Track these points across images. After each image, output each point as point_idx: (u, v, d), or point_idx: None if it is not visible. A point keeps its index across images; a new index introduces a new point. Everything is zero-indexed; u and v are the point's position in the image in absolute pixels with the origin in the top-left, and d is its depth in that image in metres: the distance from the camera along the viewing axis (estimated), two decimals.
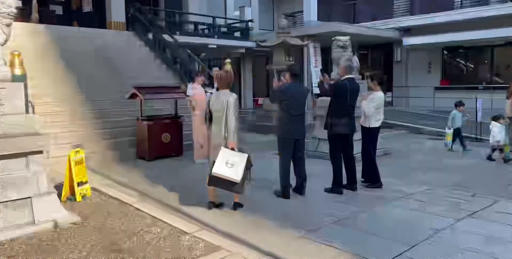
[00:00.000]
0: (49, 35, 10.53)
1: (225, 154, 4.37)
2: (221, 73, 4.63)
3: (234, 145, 4.48)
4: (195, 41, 14.09)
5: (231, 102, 4.48)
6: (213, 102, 4.62)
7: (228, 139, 4.49)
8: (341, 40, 8.05)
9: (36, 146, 4.16)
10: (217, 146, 4.57)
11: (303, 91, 5.21)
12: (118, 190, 5.61)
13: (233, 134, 4.47)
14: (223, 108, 4.50)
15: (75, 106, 8.43)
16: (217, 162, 4.34)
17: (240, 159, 4.42)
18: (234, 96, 4.54)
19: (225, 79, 4.59)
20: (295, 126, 5.12)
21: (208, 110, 4.68)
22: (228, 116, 4.47)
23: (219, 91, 4.69)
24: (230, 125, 4.46)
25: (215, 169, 4.32)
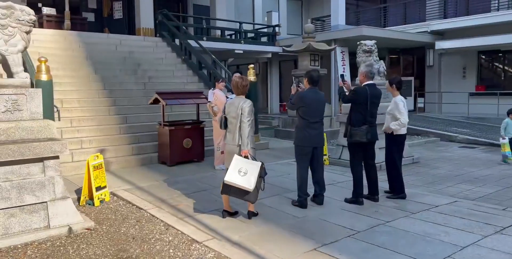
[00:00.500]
0: (79, 42, 10.81)
1: (238, 162, 4.28)
2: (236, 79, 4.55)
3: (247, 153, 4.38)
4: (221, 47, 14.15)
5: (245, 109, 4.39)
6: (228, 109, 4.55)
7: (242, 147, 4.39)
8: (366, 44, 7.84)
9: (52, 152, 4.21)
10: (230, 153, 4.49)
11: (321, 97, 5.05)
12: (136, 195, 5.62)
13: (246, 142, 4.37)
14: (237, 114, 4.42)
15: (101, 111, 8.58)
16: (230, 170, 4.25)
17: (253, 167, 4.31)
18: (248, 102, 4.45)
19: (240, 85, 4.51)
20: (313, 133, 4.96)
21: (224, 116, 4.61)
22: (242, 123, 4.39)
23: (234, 98, 4.62)
24: (244, 132, 4.37)
25: (227, 177, 4.24)
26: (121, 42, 11.64)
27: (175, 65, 11.58)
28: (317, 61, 11.40)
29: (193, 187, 6.03)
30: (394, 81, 5.43)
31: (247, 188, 4.22)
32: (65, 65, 9.64)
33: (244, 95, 4.57)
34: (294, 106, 5.07)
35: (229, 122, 4.55)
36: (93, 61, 10.13)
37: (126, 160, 7.54)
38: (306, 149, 4.97)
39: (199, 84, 11.01)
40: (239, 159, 4.31)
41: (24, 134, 4.17)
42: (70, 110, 8.24)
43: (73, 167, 6.93)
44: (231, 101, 4.60)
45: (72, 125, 7.95)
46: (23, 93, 4.21)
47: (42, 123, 4.28)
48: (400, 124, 5.24)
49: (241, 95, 4.54)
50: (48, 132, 4.31)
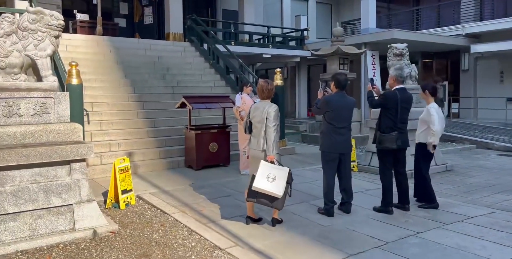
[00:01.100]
0: (110, 47, 11.03)
1: (265, 167, 4.18)
2: (261, 83, 4.47)
3: (273, 158, 4.28)
4: (249, 51, 14.14)
5: (270, 113, 4.29)
6: (253, 113, 4.47)
7: (267, 152, 4.30)
8: (397, 47, 7.61)
9: (79, 154, 4.25)
10: (255, 158, 4.40)
11: (349, 102, 4.89)
12: (161, 199, 5.62)
13: (272, 147, 4.28)
14: (262, 119, 4.33)
15: (130, 115, 8.69)
16: (258, 176, 4.14)
17: (282, 173, 4.21)
18: (274, 107, 4.36)
19: (266, 89, 4.42)
20: (339, 139, 4.81)
21: (248, 120, 4.54)
22: (267, 127, 4.29)
23: (259, 102, 4.53)
24: (269, 137, 4.28)
25: (256, 184, 4.13)
26: (150, 47, 11.82)
27: (203, 70, 11.64)
28: (346, 65, 11.20)
29: (218, 192, 5.98)
30: (427, 87, 5.20)
31: (276, 194, 4.12)
32: (96, 70, 9.85)
33: (269, 100, 4.48)
34: (320, 111, 4.94)
35: (253, 127, 4.47)
36: (123, 66, 10.31)
37: (153, 163, 7.58)
38: (332, 155, 4.83)
39: (226, 88, 11.01)
40: (267, 165, 4.21)
41: (52, 137, 4.23)
42: (100, 113, 8.39)
43: (102, 170, 7.02)
44: (256, 105, 4.52)
45: (102, 128, 8.08)
46: (51, 96, 4.28)
47: (69, 126, 4.33)
48: (434, 134, 5.02)
49: (266, 100, 4.46)
50: (75, 135, 4.36)
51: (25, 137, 4.12)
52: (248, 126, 4.53)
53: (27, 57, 4.25)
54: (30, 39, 4.22)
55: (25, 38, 4.21)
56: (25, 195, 4.07)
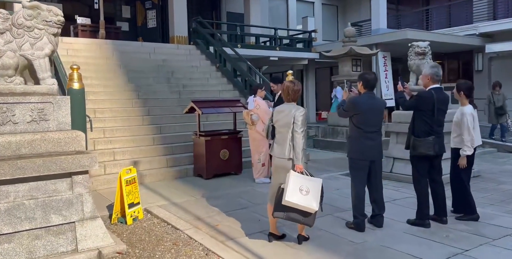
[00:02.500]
0: (113, 50, 10.62)
1: (297, 179, 3.69)
2: (287, 84, 3.99)
3: (302, 169, 3.80)
4: (256, 54, 13.71)
5: (298, 118, 3.82)
6: (277, 116, 3.99)
7: (295, 161, 3.81)
8: (419, 46, 7.13)
9: (81, 166, 3.79)
10: (280, 168, 3.92)
11: (379, 104, 4.42)
12: (171, 212, 5.14)
13: (301, 155, 3.80)
14: (287, 123, 3.85)
15: (134, 121, 8.24)
16: (289, 188, 3.63)
17: (315, 184, 3.75)
18: (302, 110, 3.88)
19: (292, 90, 3.95)
20: (369, 144, 4.33)
21: (271, 125, 4.06)
22: (295, 133, 3.81)
23: (283, 104, 4.05)
24: (297, 144, 3.79)
25: (288, 197, 3.61)
26: (154, 50, 11.39)
27: (210, 73, 11.20)
28: (359, 66, 10.75)
29: (232, 203, 5.49)
30: (463, 87, 4.72)
31: (311, 209, 3.65)
32: (99, 74, 9.42)
33: (295, 102, 4.01)
34: (347, 113, 4.46)
35: (277, 132, 3.99)
36: (126, 70, 9.88)
37: (160, 172, 7.11)
38: (362, 162, 4.34)
39: (234, 92, 10.56)
40: (298, 176, 3.73)
41: (51, 147, 3.76)
42: (103, 120, 7.94)
43: (106, 180, 6.56)
44: (280, 108, 4.04)
45: (105, 136, 7.63)
46: (50, 101, 3.82)
47: (70, 134, 3.86)
48: (468, 144, 4.54)
49: (292, 102, 3.99)
50: (77, 144, 3.89)
51: (20, 147, 3.65)
52: (271, 131, 4.06)
53: (22, 57, 3.81)
54: (26, 37, 3.78)
55: (20, 36, 3.77)
56: (21, 213, 3.60)
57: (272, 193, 3.98)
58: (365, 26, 18.39)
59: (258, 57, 13.86)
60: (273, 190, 3.95)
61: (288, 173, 3.73)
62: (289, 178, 3.67)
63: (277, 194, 3.76)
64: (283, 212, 3.72)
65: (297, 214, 3.70)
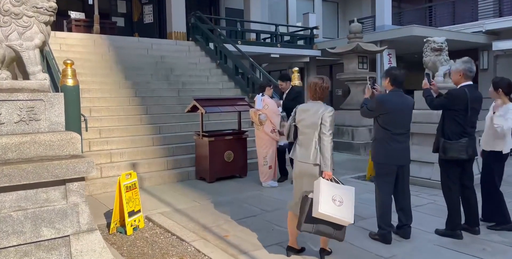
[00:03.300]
0: (109, 46, 10.14)
1: (329, 188, 3.26)
2: (314, 80, 3.56)
3: (331, 176, 3.38)
4: (256, 51, 13.24)
5: (327, 118, 3.40)
6: (301, 115, 3.55)
7: (324, 167, 3.38)
8: (436, 41, 6.74)
9: (76, 172, 3.33)
10: (304, 174, 3.48)
11: (408, 102, 4.01)
12: (174, 221, 4.70)
13: (330, 161, 3.37)
14: (314, 124, 3.42)
15: (132, 120, 7.78)
16: (322, 198, 3.19)
17: (348, 193, 3.34)
18: (330, 110, 3.46)
19: (319, 87, 3.51)
20: (398, 147, 3.92)
21: (293, 124, 3.63)
22: (323, 136, 3.39)
23: (309, 102, 3.62)
24: (326, 148, 3.37)
25: (322, 209, 3.16)
26: (152, 46, 10.92)
27: (210, 70, 10.74)
28: (365, 63, 10.35)
29: (240, 210, 5.06)
30: (502, 84, 4.32)
31: (346, 221, 3.23)
32: (94, 70, 8.94)
33: (322, 100, 3.57)
34: (372, 113, 4.04)
35: (300, 133, 3.56)
36: (123, 66, 9.40)
37: (160, 175, 6.66)
38: (389, 168, 3.93)
39: (236, 90, 10.12)
40: (329, 184, 3.30)
41: (42, 150, 3.31)
42: (99, 119, 7.47)
43: (102, 184, 6.09)
44: (304, 106, 3.61)
45: (101, 136, 7.16)
46: (41, 98, 3.36)
47: (64, 136, 3.40)
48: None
49: (319, 100, 3.55)
50: (72, 147, 3.44)
51: (7, 151, 3.19)
52: (293, 131, 3.62)
53: (9, 48, 3.34)
54: (13, 25, 3.31)
55: (6, 24, 3.30)
56: (8, 227, 3.14)
57: (294, 201, 3.55)
58: (367, 23, 17.97)
59: (259, 54, 13.40)
60: (296, 198, 3.53)
61: (317, 180, 3.30)
62: (319, 187, 3.24)
63: (303, 203, 3.32)
64: (312, 225, 3.29)
65: (328, 227, 3.27)
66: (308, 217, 3.26)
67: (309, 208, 3.26)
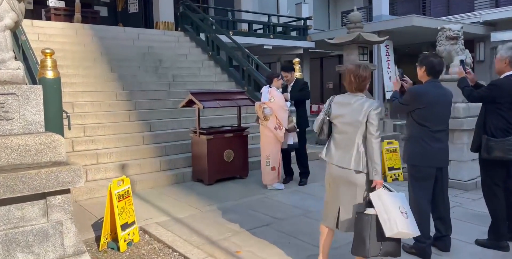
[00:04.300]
0: (92, 36, 9.38)
1: (391, 199, 2.72)
2: (351, 68, 2.96)
3: (382, 184, 2.83)
4: (249, 42, 12.60)
5: (373, 115, 2.82)
6: (338, 110, 2.96)
7: (374, 175, 2.81)
8: (451, 29, 6.21)
9: (59, 183, 2.70)
10: (340, 181, 2.90)
11: (447, 94, 3.47)
12: (174, 233, 4.09)
13: (380, 167, 2.82)
14: (357, 122, 2.85)
15: (120, 117, 7.10)
16: (394, 214, 2.65)
17: (405, 201, 2.84)
18: (377, 106, 2.87)
19: (358, 77, 2.93)
20: (437, 147, 3.38)
21: (327, 119, 3.05)
22: (370, 137, 2.83)
23: (346, 94, 3.03)
24: (375, 152, 2.80)
25: (401, 227, 2.61)
26: (139, 37, 10.19)
27: (201, 62, 10.07)
28: (366, 54, 9.79)
29: (248, 219, 4.47)
30: None
31: (413, 234, 2.74)
32: (77, 62, 8.19)
33: (362, 92, 2.99)
34: (406, 108, 3.48)
35: (337, 131, 2.97)
36: (108, 58, 8.67)
37: (153, 178, 6.01)
38: (427, 170, 3.39)
39: (230, 83, 9.49)
40: (391, 195, 2.76)
41: (15, 157, 2.66)
42: (83, 115, 6.77)
43: (88, 189, 5.42)
44: (342, 99, 3.01)
45: (86, 134, 6.47)
46: (14, 92, 2.71)
47: (43, 139, 2.76)
48: None
49: (358, 92, 2.98)
50: (53, 152, 2.80)
51: None
52: (327, 127, 3.03)
53: None
54: None
55: None
56: None
57: (331, 215, 2.97)
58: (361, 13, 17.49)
59: (251, 45, 12.76)
60: (329, 208, 2.96)
61: (375, 193, 2.74)
62: (383, 200, 2.69)
63: (361, 222, 2.71)
64: (379, 246, 2.70)
65: (393, 243, 2.73)
66: (372, 238, 2.69)
67: (376, 228, 2.68)
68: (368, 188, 2.88)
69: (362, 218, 2.72)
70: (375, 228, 2.70)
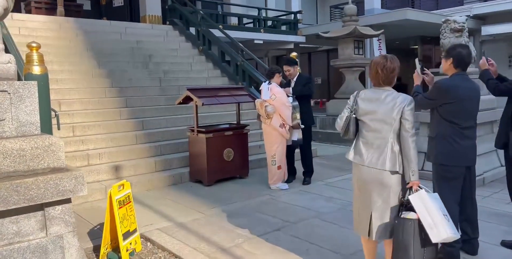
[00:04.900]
0: (77, 30, 8.92)
1: (434, 201, 2.52)
2: (379, 60, 2.70)
3: (418, 185, 2.59)
4: (239, 36, 12.26)
5: (408, 112, 2.58)
6: (368, 106, 2.70)
7: (411, 176, 2.58)
8: (456, 21, 6.04)
9: (59, 192, 2.38)
10: (372, 184, 2.64)
11: (476, 88, 3.25)
12: (180, 240, 3.79)
13: (416, 166, 2.58)
14: (390, 118, 2.60)
15: (110, 115, 6.72)
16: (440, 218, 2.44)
17: (442, 202, 2.64)
18: (410, 100, 2.63)
19: (385, 69, 2.66)
20: (466, 145, 3.16)
21: (353, 116, 2.77)
22: (406, 134, 2.58)
23: (374, 89, 2.76)
24: (412, 151, 2.57)
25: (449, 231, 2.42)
26: (126, 31, 9.75)
27: (192, 57, 9.71)
28: (361, 48, 9.65)
29: (257, 222, 4.20)
30: None
31: (456, 237, 2.52)
32: (62, 58, 7.75)
33: (390, 86, 2.74)
34: (433, 103, 3.23)
35: (368, 129, 2.70)
36: (95, 53, 8.24)
37: (149, 179, 5.68)
38: (457, 170, 3.16)
39: (223, 79, 9.16)
40: (432, 197, 2.55)
41: (9, 164, 2.32)
42: (71, 114, 6.36)
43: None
44: (370, 94, 2.74)
45: (75, 134, 6.08)
46: (5, 89, 2.36)
47: (40, 142, 2.42)
48: None
49: (386, 86, 2.72)
50: (51, 158, 2.46)
51: None
52: (354, 125, 2.76)
53: None
54: None
55: None
56: None
57: (363, 222, 2.71)
58: None
59: (241, 40, 12.40)
60: (363, 216, 2.70)
61: (416, 195, 2.52)
62: (426, 203, 2.47)
63: (401, 229, 2.49)
64: (422, 254, 2.47)
65: (433, 249, 2.52)
66: (416, 245, 2.45)
67: (419, 234, 2.45)
68: (403, 190, 2.66)
69: (404, 223, 2.49)
70: (418, 234, 2.47)
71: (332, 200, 4.92)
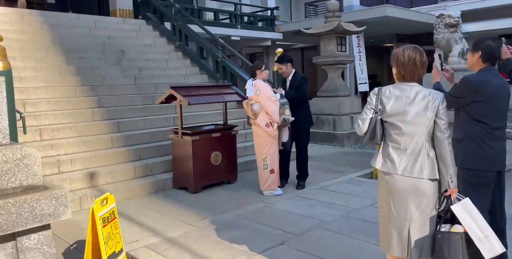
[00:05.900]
0: (41, 23, 8.19)
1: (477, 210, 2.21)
2: (406, 52, 2.32)
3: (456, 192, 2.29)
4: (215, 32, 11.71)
5: (441, 110, 2.26)
6: (392, 104, 2.32)
7: (449, 183, 2.26)
8: (451, 16, 5.88)
9: (36, 217, 1.87)
10: (406, 194, 2.27)
11: (506, 84, 2.95)
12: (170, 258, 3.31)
13: (455, 172, 2.26)
14: (426, 119, 2.25)
15: (82, 116, 6.11)
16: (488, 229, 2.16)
17: None
18: (442, 97, 2.29)
19: (415, 62, 2.30)
20: (497, 147, 2.86)
21: (378, 118, 2.38)
22: (441, 135, 2.26)
23: (398, 84, 2.39)
24: (449, 154, 2.25)
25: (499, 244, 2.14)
26: (95, 25, 9.07)
27: (168, 53, 9.15)
28: (343, 45, 9.37)
29: (257, 235, 3.78)
30: None
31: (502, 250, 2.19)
32: (26, 53, 7.05)
33: (416, 81, 2.37)
34: (461, 101, 2.91)
35: (396, 132, 2.32)
36: (63, 48, 7.56)
37: (128, 187, 5.14)
38: (488, 175, 2.86)
39: (202, 77, 8.67)
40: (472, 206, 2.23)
41: None
42: (38, 115, 5.73)
43: None
44: (394, 91, 2.33)
45: (43, 138, 5.46)
46: None
47: (9, 154, 1.91)
48: None
49: (412, 82, 2.35)
50: (25, 174, 1.95)
51: None
52: (380, 128, 2.37)
53: None
54: None
55: None
56: None
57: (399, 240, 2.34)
58: (321, 6, 17.14)
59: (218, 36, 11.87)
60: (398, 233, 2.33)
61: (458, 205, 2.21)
62: (473, 214, 2.17)
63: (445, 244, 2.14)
64: None
65: None
66: None
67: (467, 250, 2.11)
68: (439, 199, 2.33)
69: (450, 238, 2.15)
70: (466, 250, 2.14)
71: (332, 206, 4.57)
